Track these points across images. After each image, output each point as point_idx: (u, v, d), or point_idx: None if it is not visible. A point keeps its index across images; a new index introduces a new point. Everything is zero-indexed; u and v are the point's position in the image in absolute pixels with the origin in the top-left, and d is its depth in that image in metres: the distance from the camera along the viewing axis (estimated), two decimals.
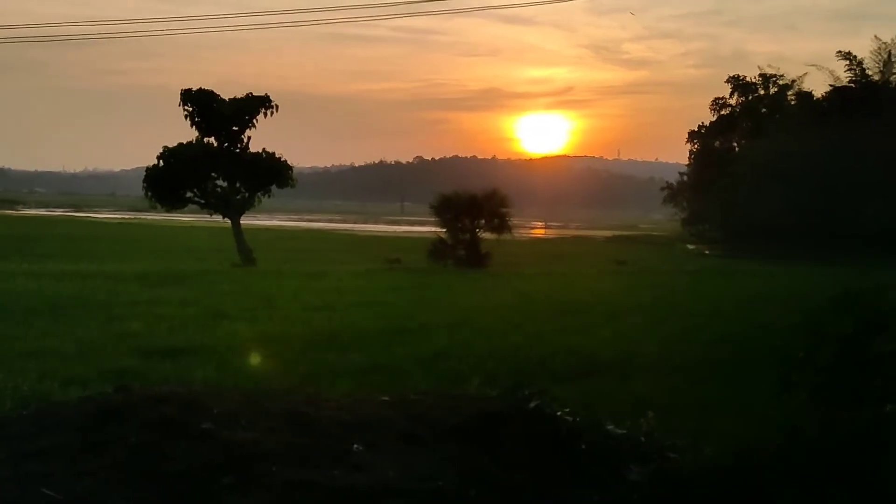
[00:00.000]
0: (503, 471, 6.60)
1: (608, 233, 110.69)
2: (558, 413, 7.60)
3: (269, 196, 44.80)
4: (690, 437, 7.78)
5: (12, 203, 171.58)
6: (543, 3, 61.03)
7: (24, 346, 14.36)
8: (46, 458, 6.33)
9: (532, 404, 7.65)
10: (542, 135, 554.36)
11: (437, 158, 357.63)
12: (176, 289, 23.98)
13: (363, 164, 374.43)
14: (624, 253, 60.23)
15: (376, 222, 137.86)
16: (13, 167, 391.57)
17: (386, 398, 8.44)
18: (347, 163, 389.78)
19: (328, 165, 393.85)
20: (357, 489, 5.98)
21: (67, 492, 5.82)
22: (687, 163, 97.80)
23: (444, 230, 43.32)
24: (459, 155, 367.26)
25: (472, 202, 42.98)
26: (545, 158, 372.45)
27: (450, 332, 16.82)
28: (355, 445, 6.72)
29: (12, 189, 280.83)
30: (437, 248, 42.64)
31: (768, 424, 8.28)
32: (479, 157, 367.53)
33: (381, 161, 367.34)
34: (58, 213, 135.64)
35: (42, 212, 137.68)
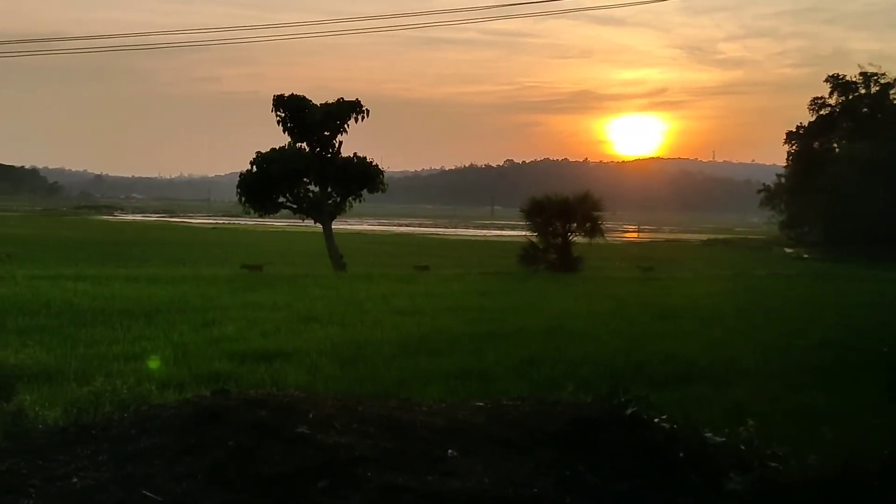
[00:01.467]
0: (600, 478, 6.47)
1: (703, 236, 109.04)
2: (655, 420, 7.43)
3: (360, 201, 44.97)
4: (792, 446, 7.52)
5: (110, 209, 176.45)
6: (637, 3, 60.43)
7: (122, 349, 14.61)
8: (146, 460, 6.42)
9: (629, 411, 7.48)
10: (634, 137, 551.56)
11: (527, 162, 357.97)
12: (268, 293, 24.22)
13: (453, 167, 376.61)
14: (721, 257, 59.19)
15: (466, 226, 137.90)
16: (111, 173, 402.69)
17: (480, 403, 8.35)
18: (438, 167, 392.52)
19: (418, 169, 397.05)
20: (451, 495, 5.91)
21: (167, 493, 5.87)
22: (785, 164, 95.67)
23: (535, 234, 43.02)
24: (550, 158, 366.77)
25: (563, 205, 42.59)
26: (638, 161, 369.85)
27: (542, 337, 16.66)
28: (449, 451, 6.64)
29: (110, 195, 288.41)
30: (527, 253, 42.35)
31: (874, 433, 7.99)
32: (570, 159, 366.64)
33: (471, 164, 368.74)
34: (153, 218, 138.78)
35: (138, 217, 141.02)
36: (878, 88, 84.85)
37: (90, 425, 7.54)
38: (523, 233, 45.59)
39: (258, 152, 42.80)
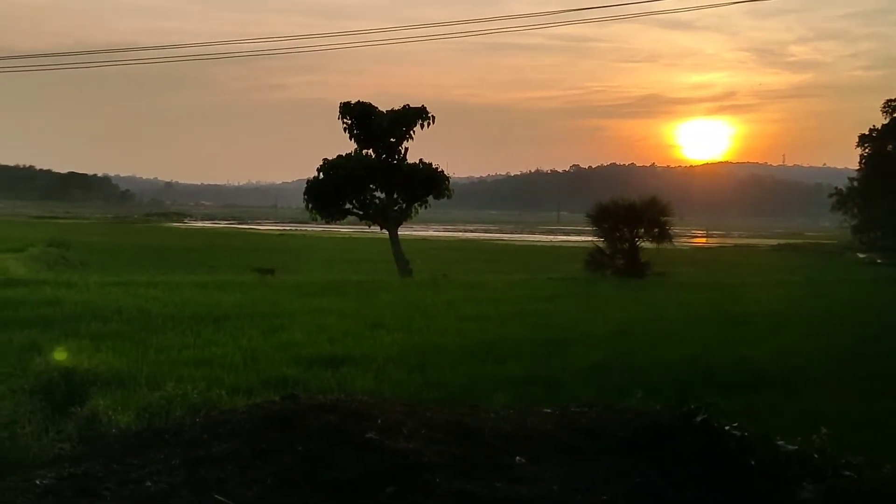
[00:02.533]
0: (670, 486, 6.39)
1: (773, 241, 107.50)
2: (726, 427, 7.32)
3: (425, 207, 45.05)
4: (866, 455, 7.36)
5: (180, 216, 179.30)
6: (705, 7, 59.88)
7: (192, 354, 14.81)
8: (218, 465, 6.48)
9: (699, 418, 7.38)
10: (702, 141, 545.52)
11: (593, 167, 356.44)
12: (335, 299, 24.36)
13: (519, 173, 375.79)
14: (791, 262, 58.25)
15: (532, 232, 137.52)
16: (180, 181, 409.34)
17: (548, 410, 8.31)
18: (503, 172, 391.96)
19: (484, 175, 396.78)
20: (519, 502, 5.88)
21: (238, 498, 5.92)
22: (857, 168, 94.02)
23: (602, 239, 42.74)
24: (617, 163, 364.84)
25: (630, 210, 42.25)
26: (706, 165, 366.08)
27: (610, 343, 16.54)
28: (518, 457, 6.62)
29: (180, 202, 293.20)
30: (594, 258, 42.08)
31: None
32: (637, 164, 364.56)
33: (536, 170, 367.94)
34: (222, 225, 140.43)
35: (207, 224, 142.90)
36: None
37: (163, 430, 7.64)
38: (590, 238, 45.32)
39: (325, 159, 43.09)
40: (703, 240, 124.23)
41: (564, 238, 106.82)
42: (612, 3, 46.05)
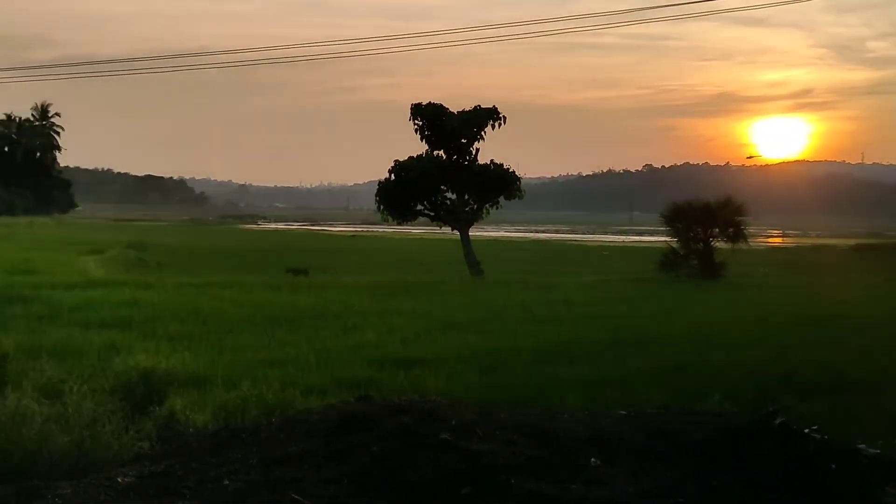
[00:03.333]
0: (747, 490, 6.28)
1: (852, 241, 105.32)
2: (805, 431, 7.18)
3: (497, 207, 44.98)
4: None
5: (253, 218, 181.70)
6: (781, 3, 58.88)
7: (266, 355, 14.97)
8: (294, 464, 6.56)
9: (777, 421, 7.25)
10: (778, 139, 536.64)
11: (666, 166, 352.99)
12: (407, 300, 24.44)
13: (591, 173, 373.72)
14: (871, 262, 57.01)
15: (604, 233, 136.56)
16: (254, 183, 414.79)
17: (623, 412, 8.23)
18: (575, 172, 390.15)
19: (555, 175, 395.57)
20: None
21: (315, 498, 5.97)
22: None
23: (676, 240, 42.25)
24: (690, 162, 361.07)
25: (705, 211, 41.67)
26: (782, 164, 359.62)
27: (685, 345, 16.35)
28: (592, 459, 6.57)
29: (253, 204, 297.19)
30: (668, 259, 41.58)
31: None
32: (711, 163, 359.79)
33: (609, 170, 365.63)
34: (295, 226, 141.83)
35: (281, 226, 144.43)
36: None
37: (240, 429, 7.74)
38: (663, 239, 44.85)
39: (396, 161, 43.24)
40: (780, 240, 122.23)
41: (637, 239, 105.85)
42: (685, 0, 45.54)
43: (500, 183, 43.69)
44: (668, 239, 42.98)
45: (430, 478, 6.08)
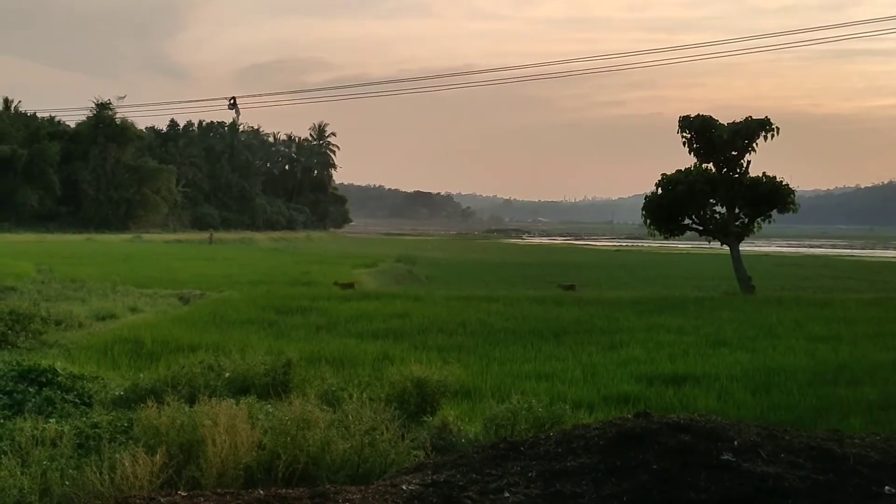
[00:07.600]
0: None
1: None
2: None
3: (769, 222, 43.41)
4: None
5: (518, 232, 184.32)
6: None
7: (533, 368, 15.09)
8: (573, 479, 6.59)
9: None
10: None
11: None
12: (674, 316, 23.98)
13: (870, 185, 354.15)
14: None
15: (886, 247, 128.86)
16: (518, 198, 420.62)
17: None
18: (852, 184, 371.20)
19: (831, 188, 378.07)
20: None
21: None
22: None
23: None
24: None
25: None
26: None
27: None
28: (887, 487, 6.19)
29: (518, 219, 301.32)
30: None
31: None
32: None
33: (889, 181, 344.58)
34: (559, 241, 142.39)
35: (544, 240, 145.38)
36: None
37: (518, 442, 7.82)
38: None
39: (663, 174, 42.55)
40: None
41: None
42: None
43: (773, 196, 42.09)
44: None
45: (712, 498, 5.93)
